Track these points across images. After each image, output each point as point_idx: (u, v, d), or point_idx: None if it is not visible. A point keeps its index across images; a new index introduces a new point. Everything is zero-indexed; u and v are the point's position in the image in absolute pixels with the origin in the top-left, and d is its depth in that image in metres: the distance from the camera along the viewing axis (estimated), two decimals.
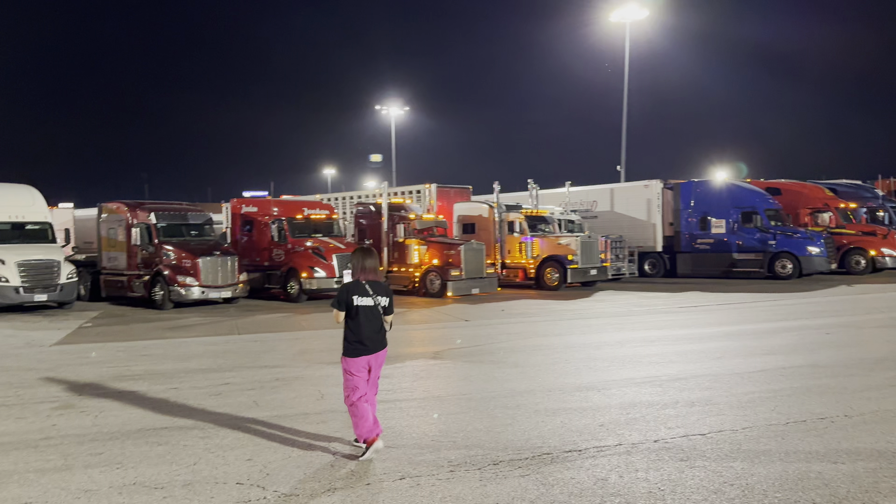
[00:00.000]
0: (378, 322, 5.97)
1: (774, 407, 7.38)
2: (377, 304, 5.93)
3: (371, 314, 5.92)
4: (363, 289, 5.94)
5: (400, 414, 7.41)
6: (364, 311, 5.89)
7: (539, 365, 10.08)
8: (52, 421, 7.37)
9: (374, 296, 5.93)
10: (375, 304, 5.93)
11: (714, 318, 15.51)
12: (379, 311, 5.96)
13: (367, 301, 5.90)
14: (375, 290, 5.97)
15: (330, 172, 79.26)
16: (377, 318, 5.96)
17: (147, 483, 5.42)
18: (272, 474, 5.58)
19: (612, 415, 7.20)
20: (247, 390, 8.68)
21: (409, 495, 5.07)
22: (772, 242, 25.07)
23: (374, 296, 5.93)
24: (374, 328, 5.94)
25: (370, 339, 5.90)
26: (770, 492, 5.02)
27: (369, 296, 5.92)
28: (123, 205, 21.03)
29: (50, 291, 18.31)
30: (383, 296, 6.00)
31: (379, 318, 5.97)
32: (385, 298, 6.00)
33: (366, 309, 5.89)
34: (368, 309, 5.90)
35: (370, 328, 5.90)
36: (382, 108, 59.58)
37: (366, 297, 5.91)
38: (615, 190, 28.74)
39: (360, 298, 5.90)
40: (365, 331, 5.88)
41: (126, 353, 11.82)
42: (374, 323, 5.94)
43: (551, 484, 5.24)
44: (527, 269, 23.20)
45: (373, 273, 6.04)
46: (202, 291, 18.88)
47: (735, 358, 10.32)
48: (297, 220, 21.41)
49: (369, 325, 5.90)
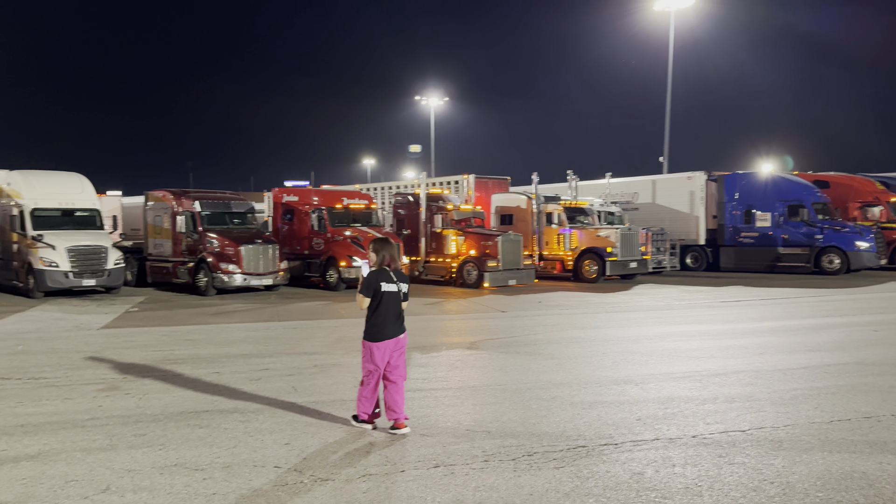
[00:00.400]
0: (398, 307, 6.28)
1: (818, 405, 7.21)
2: (399, 291, 6.26)
3: (394, 300, 6.24)
4: (389, 276, 6.25)
5: (435, 403, 7.44)
6: (388, 296, 6.21)
7: (576, 357, 10.02)
8: (98, 402, 7.59)
9: (397, 282, 6.26)
10: (398, 290, 6.25)
11: (757, 314, 15.20)
12: (400, 297, 6.28)
13: (392, 287, 6.22)
14: (399, 278, 6.31)
15: (370, 163, 79.78)
16: (398, 303, 6.27)
17: (188, 464, 5.55)
18: (309, 459, 5.66)
19: (650, 409, 7.12)
20: (286, 376, 8.82)
21: (443, 484, 5.10)
22: (819, 237, 24.43)
23: (397, 282, 6.26)
24: (395, 313, 6.26)
25: (392, 324, 6.22)
26: (812, 490, 4.91)
27: (394, 282, 6.24)
28: (169, 193, 21.48)
29: (98, 276, 18.83)
30: (404, 283, 6.35)
31: (399, 304, 6.28)
32: (406, 285, 6.36)
33: (389, 295, 6.21)
34: (393, 295, 6.22)
35: (392, 313, 6.23)
36: (422, 99, 59.65)
37: (391, 284, 6.23)
38: (657, 181, 28.30)
39: (387, 285, 6.21)
40: (389, 316, 6.21)
41: (170, 338, 12.10)
42: (396, 308, 6.25)
43: (586, 477, 5.22)
44: (565, 261, 23.03)
45: (395, 262, 6.37)
46: (244, 279, 19.21)
47: (778, 354, 10.10)
48: (336, 209, 21.60)
49: (391, 310, 6.22)
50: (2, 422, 6.81)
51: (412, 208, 23.04)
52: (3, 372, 9.21)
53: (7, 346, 11.34)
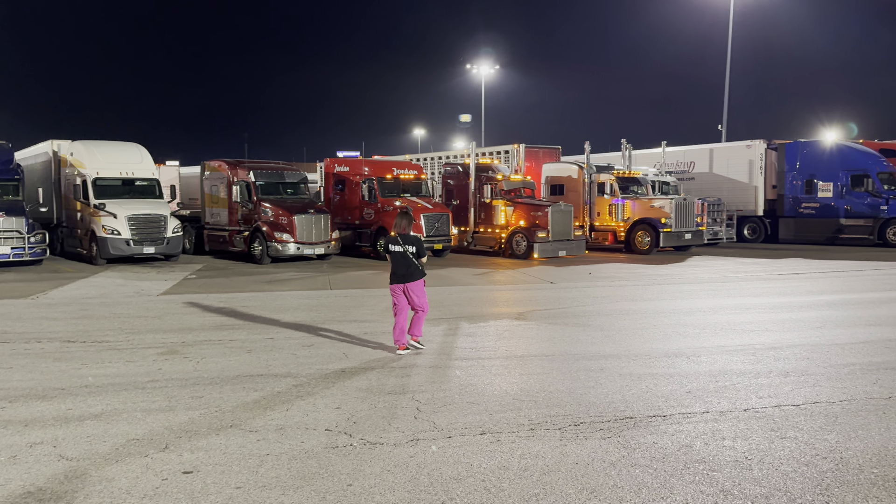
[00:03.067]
0: (406, 262, 8.28)
1: (876, 380, 7.00)
2: (406, 251, 8.27)
3: (399, 256, 8.30)
4: (395, 240, 8.38)
5: (482, 372, 7.49)
6: (395, 255, 8.33)
7: (625, 329, 9.93)
8: (157, 365, 7.89)
9: (402, 245, 8.30)
10: (404, 251, 8.27)
11: (816, 287, 14.75)
12: (408, 255, 8.26)
13: (398, 248, 8.32)
14: (404, 241, 8.33)
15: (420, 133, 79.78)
16: (406, 259, 8.28)
17: (243, 426, 5.74)
18: (359, 423, 5.79)
19: (701, 382, 7.02)
20: (337, 342, 9.00)
21: (490, 451, 5.15)
22: (884, 208, 23.50)
23: (402, 245, 8.30)
24: (403, 266, 8.30)
25: (400, 274, 8.30)
26: (866, 467, 4.79)
27: (399, 245, 8.32)
28: (224, 163, 21.93)
29: (157, 244, 19.44)
30: (410, 245, 8.31)
31: (407, 259, 8.28)
32: (412, 247, 8.30)
33: (396, 254, 8.32)
34: (398, 253, 8.31)
35: (399, 267, 8.32)
36: (473, 68, 59.14)
37: (397, 246, 8.34)
38: (714, 150, 27.54)
39: (393, 246, 8.36)
40: (396, 268, 8.34)
41: (226, 304, 12.45)
42: (402, 263, 8.30)
43: (633, 447, 5.20)
44: (617, 232, 22.71)
45: (404, 229, 8.44)
46: (297, 248, 19.57)
47: (836, 328, 9.81)
48: (386, 179, 21.71)
49: (398, 264, 8.33)
50: (67, 382, 7.15)
51: (461, 178, 22.99)
52: (68, 335, 9.64)
53: (72, 311, 11.85)
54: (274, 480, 4.64)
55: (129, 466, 4.89)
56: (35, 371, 7.63)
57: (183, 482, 4.63)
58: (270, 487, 4.54)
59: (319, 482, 4.62)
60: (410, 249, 8.24)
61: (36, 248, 18.95)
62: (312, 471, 4.80)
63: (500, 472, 4.77)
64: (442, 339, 9.32)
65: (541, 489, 4.49)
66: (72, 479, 4.66)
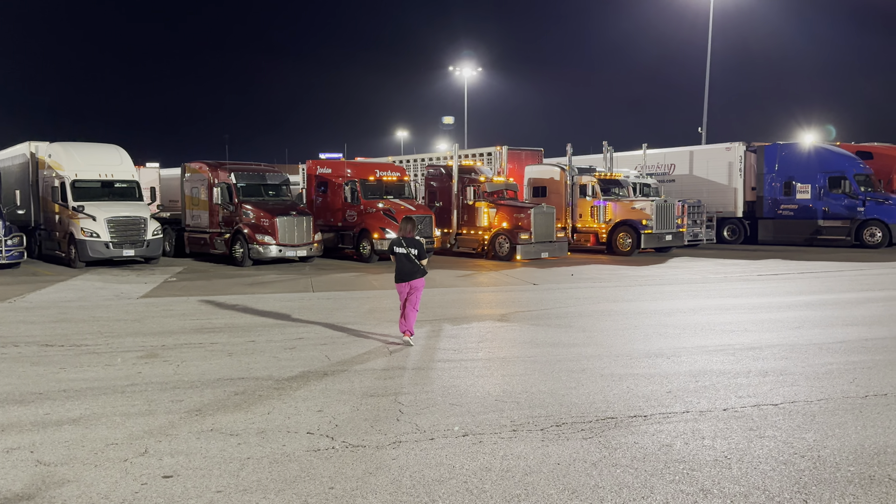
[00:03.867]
0: (410, 263, 8.99)
1: (853, 379, 7.10)
2: (409, 253, 8.99)
3: (405, 258, 9.02)
4: (400, 242, 9.11)
5: (465, 373, 7.50)
6: (399, 256, 9.06)
7: (607, 330, 9.99)
8: (137, 368, 7.82)
9: (406, 247, 9.01)
10: (407, 253, 8.99)
11: (794, 287, 14.93)
12: (411, 257, 8.96)
13: (402, 250, 9.04)
14: (408, 244, 9.03)
15: (403, 135, 79.58)
16: (409, 260, 8.99)
17: (223, 429, 5.71)
18: (341, 425, 5.77)
19: (681, 382, 7.08)
20: (319, 345, 8.97)
21: (472, 452, 5.16)
22: (860, 209, 23.82)
23: (406, 247, 9.01)
24: (407, 267, 9.02)
25: (404, 273, 9.04)
26: (843, 465, 4.86)
27: (404, 247, 9.02)
28: (205, 165, 21.77)
29: (137, 247, 19.26)
30: (413, 248, 9.01)
31: (411, 261, 8.98)
32: (414, 249, 8.99)
33: (401, 255, 9.04)
34: (403, 255, 9.02)
35: (403, 267, 9.06)
36: (456, 70, 59.21)
37: (401, 248, 9.05)
38: (695, 153, 27.77)
39: (398, 248, 9.07)
40: (400, 268, 9.09)
41: (207, 307, 12.36)
42: (407, 264, 9.02)
43: (614, 447, 5.23)
44: (598, 233, 22.84)
45: (409, 233, 9.13)
46: (279, 250, 19.47)
47: (814, 328, 9.94)
48: (369, 181, 21.67)
49: (402, 265, 9.06)
50: (45, 387, 7.06)
51: (444, 180, 23.01)
52: (46, 339, 9.53)
53: (50, 314, 11.70)
54: (255, 484, 4.62)
55: (107, 471, 4.84)
56: (12, 375, 7.53)
57: (163, 486, 4.59)
58: (251, 491, 4.51)
59: (301, 485, 4.60)
60: (413, 252, 8.99)
61: (13, 251, 18.69)
62: (294, 474, 4.78)
63: (482, 473, 4.78)
64: (425, 341, 9.32)
65: (523, 490, 4.51)
66: (49, 485, 4.61)
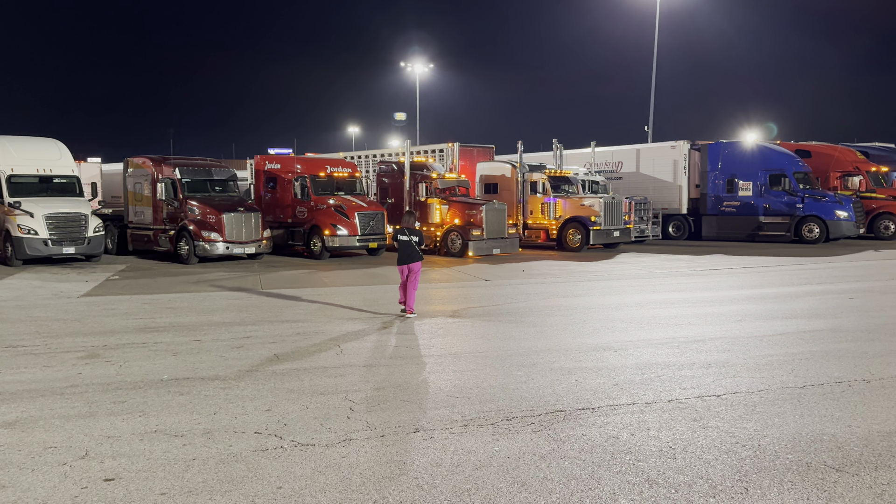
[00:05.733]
0: (411, 249, 10.83)
1: (792, 370, 7.34)
2: (411, 240, 10.84)
3: (407, 245, 10.84)
4: (403, 231, 10.93)
5: (416, 370, 7.50)
6: (403, 243, 10.88)
7: (557, 325, 10.11)
8: (77, 370, 7.57)
9: (409, 236, 10.86)
10: (410, 240, 10.84)
11: (736, 282, 15.37)
12: (413, 244, 10.83)
13: (406, 238, 10.86)
14: (411, 233, 10.91)
15: (354, 131, 79.15)
16: (411, 246, 10.83)
17: (168, 431, 5.57)
18: (290, 424, 5.70)
19: (628, 375, 7.22)
20: (268, 343, 8.84)
21: (423, 448, 5.16)
22: (799, 206, 24.64)
23: (409, 236, 10.86)
24: (408, 252, 10.83)
25: (406, 257, 10.82)
26: (782, 453, 5.02)
27: (407, 236, 10.86)
28: (149, 160, 21.21)
29: (77, 244, 18.64)
30: (415, 236, 10.92)
31: (412, 247, 10.83)
32: (416, 237, 10.91)
33: (404, 242, 10.86)
34: (406, 242, 10.85)
35: (405, 252, 10.85)
36: (407, 66, 59.05)
37: (405, 236, 10.87)
38: (641, 151, 28.30)
39: (401, 236, 10.91)
40: (402, 252, 10.88)
41: (151, 306, 12.05)
42: (408, 249, 10.84)
43: (563, 440, 5.30)
44: (549, 230, 23.09)
45: (411, 224, 11.12)
46: (226, 247, 19.11)
47: (755, 321, 10.25)
48: (320, 177, 21.44)
49: (405, 250, 10.86)
50: None
51: (396, 177, 22.93)
52: None
53: None
54: (201, 485, 4.52)
55: (45, 476, 4.68)
56: None
57: (104, 490, 4.45)
58: (197, 493, 4.42)
59: (248, 486, 4.52)
60: (415, 239, 10.88)
61: None
62: (241, 474, 4.70)
63: (432, 468, 4.78)
64: (376, 337, 9.27)
65: (473, 484, 4.52)
66: None
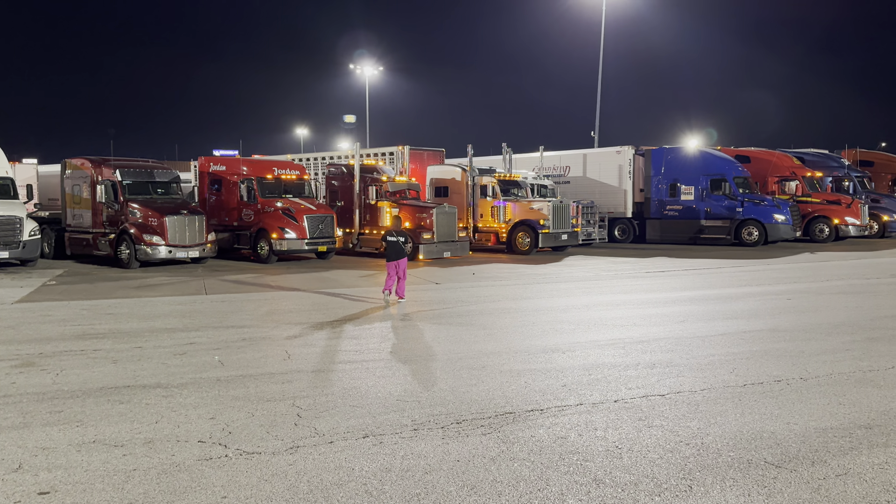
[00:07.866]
0: (398, 248, 12.44)
1: (733, 369, 7.55)
2: (398, 241, 12.55)
3: (395, 244, 12.46)
4: (392, 233, 12.63)
5: (366, 374, 7.43)
6: (391, 243, 12.52)
7: (506, 327, 10.17)
8: (11, 379, 7.26)
9: (397, 237, 12.60)
10: (397, 240, 12.54)
11: (679, 283, 15.74)
12: (400, 244, 12.53)
13: (394, 239, 12.54)
14: (398, 234, 12.72)
15: (302, 133, 78.26)
16: (398, 245, 12.47)
17: (107, 441, 5.39)
18: (235, 433, 5.58)
19: (575, 375, 7.30)
20: (212, 350, 8.64)
21: (372, 453, 5.11)
22: (739, 210, 25.40)
23: (397, 237, 12.60)
24: (396, 250, 12.38)
25: (394, 254, 12.34)
26: (724, 451, 5.15)
27: (394, 237, 12.58)
28: (88, 161, 20.54)
29: (11, 248, 17.92)
30: (402, 237, 12.82)
31: (399, 246, 12.47)
32: (403, 238, 12.86)
33: (392, 242, 12.51)
34: (394, 242, 12.50)
35: (393, 251, 12.38)
36: (356, 68, 58.69)
37: (393, 237, 12.55)
38: (588, 155, 28.76)
39: (390, 237, 12.57)
40: (391, 251, 12.42)
41: (90, 312, 11.66)
42: (396, 248, 12.43)
43: (512, 442, 5.32)
44: (499, 233, 23.23)
45: (398, 227, 13.22)
46: (169, 251, 18.63)
47: (697, 322, 10.50)
48: (267, 179, 21.11)
49: (393, 249, 12.41)
50: None
51: (346, 180, 22.75)
52: None
53: None
54: (141, 497, 4.38)
55: None
56: None
57: (38, 503, 4.27)
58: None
59: (191, 496, 4.40)
60: (401, 240, 12.71)
61: None
62: (184, 485, 4.57)
63: (382, 474, 4.74)
64: (325, 342, 9.17)
65: (422, 489, 4.50)
66: None
